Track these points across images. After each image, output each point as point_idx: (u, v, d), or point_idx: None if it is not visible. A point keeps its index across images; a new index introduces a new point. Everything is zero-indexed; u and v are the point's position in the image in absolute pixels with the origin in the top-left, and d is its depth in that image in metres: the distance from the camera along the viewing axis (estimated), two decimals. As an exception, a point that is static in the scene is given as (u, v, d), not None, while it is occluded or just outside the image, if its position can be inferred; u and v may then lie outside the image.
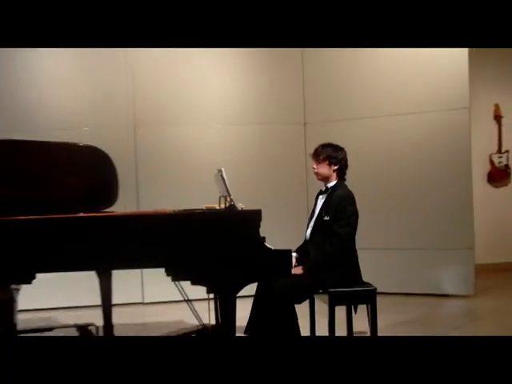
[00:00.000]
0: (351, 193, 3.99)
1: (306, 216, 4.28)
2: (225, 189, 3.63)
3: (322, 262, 3.86)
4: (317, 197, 4.16)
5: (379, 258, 6.23)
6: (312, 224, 4.08)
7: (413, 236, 6.33)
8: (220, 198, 3.74)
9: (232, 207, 3.58)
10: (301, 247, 4.14)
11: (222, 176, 3.65)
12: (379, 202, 6.35)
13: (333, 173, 4.04)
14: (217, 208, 3.76)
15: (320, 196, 4.12)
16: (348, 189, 4.02)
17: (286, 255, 3.50)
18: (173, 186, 6.26)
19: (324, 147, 4.06)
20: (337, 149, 4.05)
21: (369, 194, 6.05)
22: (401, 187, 6.38)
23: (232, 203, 3.58)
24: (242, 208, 3.63)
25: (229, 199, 3.60)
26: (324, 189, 4.09)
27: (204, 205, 3.87)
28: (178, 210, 3.77)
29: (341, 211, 3.89)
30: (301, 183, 6.60)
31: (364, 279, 3.98)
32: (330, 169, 4.03)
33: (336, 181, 4.04)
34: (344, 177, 4.09)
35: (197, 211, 3.73)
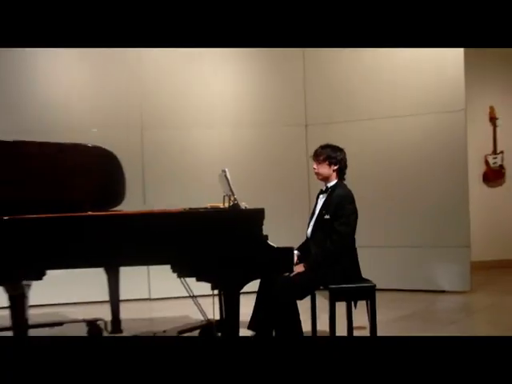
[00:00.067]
0: (351, 192, 3.98)
1: (308, 215, 4.26)
2: (229, 188, 3.63)
3: (323, 260, 3.84)
4: (317, 196, 4.15)
5: (378, 256, 6.20)
6: (313, 222, 4.07)
7: (411, 234, 6.31)
8: (224, 198, 3.73)
9: (236, 206, 3.57)
10: (302, 245, 4.12)
11: (226, 176, 3.65)
12: (378, 202, 6.33)
13: (333, 173, 4.02)
14: (221, 207, 3.75)
15: (320, 195, 4.10)
16: (347, 188, 4.01)
17: (288, 253, 3.49)
18: (178, 186, 6.26)
19: (324, 148, 4.04)
20: (336, 149, 4.04)
21: (368, 194, 6.04)
22: (399, 187, 6.36)
23: (236, 202, 3.58)
24: (246, 207, 3.62)
25: (232, 198, 3.59)
26: (324, 188, 4.08)
27: (208, 204, 3.87)
28: (184, 209, 3.77)
29: (341, 210, 3.88)
30: (302, 183, 6.58)
31: (364, 276, 3.97)
32: (330, 169, 4.01)
33: (336, 180, 4.02)
34: (344, 176, 4.07)
35: (201, 210, 3.72)
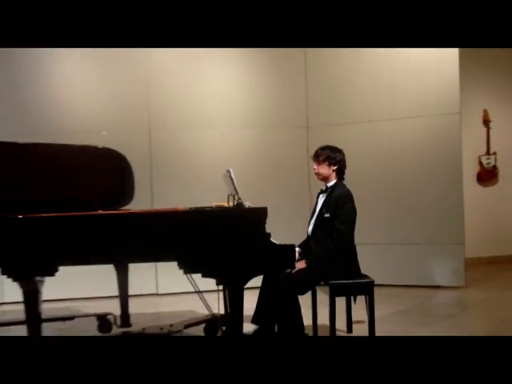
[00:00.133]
0: (349, 191, 3.98)
1: (308, 213, 4.26)
2: (233, 188, 3.63)
3: (324, 256, 3.84)
4: (318, 196, 4.15)
5: (377, 253, 6.19)
6: (313, 221, 4.07)
7: (408, 232, 6.31)
8: (228, 197, 3.73)
9: (240, 205, 3.57)
10: (303, 242, 4.12)
11: (231, 176, 3.65)
12: (377, 201, 6.33)
13: (332, 173, 4.02)
14: (225, 206, 3.75)
15: (321, 195, 4.10)
16: (346, 188, 4.01)
17: (290, 250, 3.49)
18: (184, 186, 6.26)
19: (323, 149, 4.04)
20: (335, 150, 4.04)
21: (368, 194, 6.05)
22: (397, 187, 6.35)
23: (240, 201, 3.57)
24: (249, 206, 3.63)
25: (237, 198, 3.59)
26: (324, 188, 4.08)
27: (213, 203, 3.87)
28: (190, 208, 3.77)
29: (340, 209, 3.88)
30: (303, 183, 6.57)
31: (362, 272, 3.98)
32: (330, 169, 4.01)
33: (335, 180, 4.02)
34: (343, 176, 4.07)
35: (207, 209, 3.72)
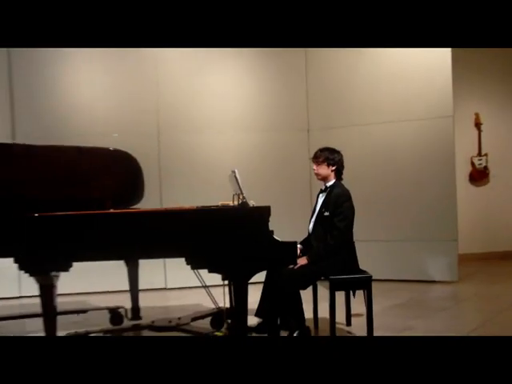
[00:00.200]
0: (348, 191, 3.99)
1: (309, 212, 4.27)
2: (238, 188, 3.64)
3: (324, 253, 3.85)
4: (318, 195, 4.16)
5: (375, 249, 6.21)
6: (314, 219, 4.08)
7: (404, 229, 6.33)
8: (234, 196, 3.73)
9: (244, 204, 3.58)
10: (305, 240, 4.13)
11: (236, 176, 3.66)
12: (375, 200, 6.34)
13: (331, 173, 4.02)
14: (231, 205, 3.76)
15: (320, 194, 4.11)
16: (345, 187, 4.01)
17: (292, 246, 3.50)
18: (192, 186, 6.28)
19: (322, 151, 4.05)
20: (333, 152, 4.05)
21: (366, 193, 6.08)
22: (394, 186, 6.37)
23: (244, 200, 3.59)
24: (253, 205, 3.63)
25: (241, 197, 3.60)
26: (324, 188, 4.08)
27: (219, 202, 3.89)
28: (197, 207, 3.78)
29: (339, 207, 3.89)
30: (304, 183, 6.58)
31: (361, 267, 3.98)
32: (329, 169, 4.02)
33: (334, 180, 4.03)
34: (341, 176, 4.08)
35: (213, 208, 3.74)
